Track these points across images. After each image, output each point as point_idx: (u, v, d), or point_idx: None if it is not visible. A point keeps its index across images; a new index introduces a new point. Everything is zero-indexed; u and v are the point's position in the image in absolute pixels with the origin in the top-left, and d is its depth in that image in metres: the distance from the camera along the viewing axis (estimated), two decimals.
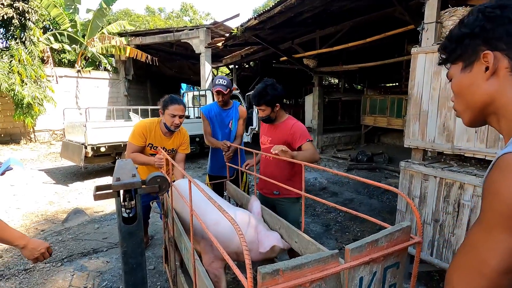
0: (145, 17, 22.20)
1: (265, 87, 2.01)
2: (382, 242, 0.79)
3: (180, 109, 2.35)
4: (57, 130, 11.07)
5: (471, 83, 0.67)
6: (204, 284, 1.15)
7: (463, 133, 2.07)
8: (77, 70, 11.56)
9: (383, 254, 0.78)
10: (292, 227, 1.54)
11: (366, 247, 0.76)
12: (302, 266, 0.66)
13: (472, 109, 0.69)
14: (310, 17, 5.78)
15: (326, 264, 0.70)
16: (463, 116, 0.73)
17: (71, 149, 5.87)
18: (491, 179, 0.56)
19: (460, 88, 0.70)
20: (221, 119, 2.73)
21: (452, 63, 0.72)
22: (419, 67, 2.28)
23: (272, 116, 2.10)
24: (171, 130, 2.39)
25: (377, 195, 4.87)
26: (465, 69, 0.68)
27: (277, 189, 2.11)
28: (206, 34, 9.63)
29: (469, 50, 0.66)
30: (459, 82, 0.70)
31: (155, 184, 1.46)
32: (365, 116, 9.52)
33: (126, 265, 1.39)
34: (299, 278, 0.65)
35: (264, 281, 0.62)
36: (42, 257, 1.28)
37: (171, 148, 2.53)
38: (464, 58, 0.68)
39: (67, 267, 2.67)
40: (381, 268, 0.80)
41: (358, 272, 0.76)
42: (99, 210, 4.15)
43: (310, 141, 2.00)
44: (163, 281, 2.46)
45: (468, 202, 2.02)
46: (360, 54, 9.20)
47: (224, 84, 2.60)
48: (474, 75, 0.66)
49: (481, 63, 0.64)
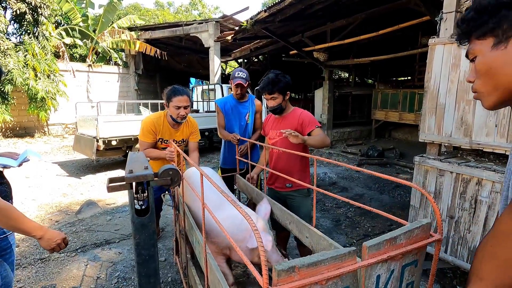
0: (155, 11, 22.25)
1: (277, 74, 2.02)
2: (401, 239, 0.76)
3: (184, 100, 2.31)
4: (69, 124, 11.29)
5: (505, 61, 0.59)
6: (215, 277, 1.14)
7: (482, 127, 1.99)
8: (88, 65, 11.71)
9: (402, 252, 0.75)
10: (303, 222, 1.52)
11: (384, 245, 0.73)
12: (318, 263, 0.65)
13: (502, 90, 0.61)
14: (321, 9, 5.67)
15: (342, 262, 0.68)
16: (487, 99, 0.65)
17: (83, 142, 5.98)
18: None
19: (490, 68, 0.62)
20: (237, 112, 2.72)
21: (478, 38, 0.63)
22: (436, 59, 2.20)
23: (283, 105, 2.08)
24: (178, 122, 2.38)
25: (388, 191, 4.80)
26: (498, 45, 0.59)
27: (289, 182, 2.09)
28: (215, 28, 9.58)
29: (505, 24, 0.58)
30: (490, 60, 0.61)
31: (167, 177, 1.46)
32: (376, 110, 9.36)
33: (139, 256, 1.40)
34: (315, 276, 0.64)
35: (280, 278, 0.61)
36: (58, 247, 1.30)
37: (181, 139, 2.53)
38: (497, 33, 0.59)
39: (81, 257, 2.73)
40: (399, 266, 0.78)
41: (375, 270, 0.73)
42: (111, 203, 4.22)
43: (319, 127, 2.02)
44: (174, 273, 2.49)
45: (486, 198, 1.96)
46: (371, 47, 9.01)
47: (243, 77, 2.59)
48: (510, 52, 0.58)
49: None
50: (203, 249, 1.23)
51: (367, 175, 5.68)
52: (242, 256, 0.80)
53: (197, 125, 2.64)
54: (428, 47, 2.25)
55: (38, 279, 2.39)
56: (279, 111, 2.11)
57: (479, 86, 0.66)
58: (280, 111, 2.11)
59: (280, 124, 2.13)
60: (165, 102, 2.36)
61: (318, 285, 0.65)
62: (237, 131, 2.71)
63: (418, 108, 7.83)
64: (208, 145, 7.77)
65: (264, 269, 0.62)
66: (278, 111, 2.11)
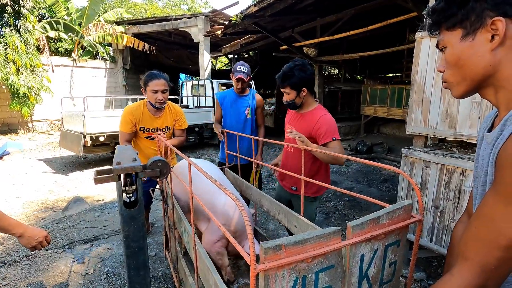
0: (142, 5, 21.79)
1: (293, 67, 1.76)
2: (383, 219, 0.79)
3: (161, 84, 2.25)
4: (55, 119, 11.00)
5: (473, 53, 0.60)
6: (205, 265, 1.15)
7: (466, 119, 2.05)
8: (73, 59, 11.39)
9: (384, 232, 0.78)
10: (291, 212, 1.53)
11: (368, 224, 0.75)
12: (304, 241, 0.66)
13: (470, 80, 0.64)
14: (311, 4, 5.68)
15: (328, 241, 0.70)
16: (456, 88, 0.68)
17: (69, 138, 5.84)
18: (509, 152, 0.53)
19: (458, 59, 0.63)
20: (236, 106, 2.66)
21: (448, 29, 0.64)
22: (423, 52, 2.24)
23: (297, 102, 1.84)
24: (157, 107, 2.31)
25: (376, 184, 4.89)
26: (466, 37, 0.61)
27: (294, 185, 2.00)
28: (204, 23, 9.47)
29: (473, 15, 0.59)
30: (458, 51, 0.63)
31: (156, 169, 1.44)
32: (365, 106, 9.49)
33: (128, 248, 1.39)
34: (301, 254, 0.65)
35: (267, 255, 0.62)
36: (40, 245, 1.27)
37: (165, 127, 2.47)
38: (466, 25, 0.60)
39: (69, 253, 2.68)
40: (382, 246, 0.80)
41: (360, 249, 0.76)
42: (100, 199, 4.15)
43: (337, 139, 1.73)
44: (164, 267, 2.47)
45: (469, 188, 2.02)
46: (361, 44, 9.09)
47: (245, 71, 2.51)
48: (476, 44, 0.60)
49: (486, 30, 0.58)
50: (192, 239, 1.23)
51: (356, 169, 5.77)
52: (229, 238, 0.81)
53: (182, 112, 2.58)
54: (415, 41, 2.29)
55: (24, 277, 2.34)
56: (292, 107, 1.91)
57: (449, 76, 0.67)
58: (294, 107, 1.90)
59: (297, 122, 1.93)
60: (143, 88, 2.31)
61: (304, 263, 0.67)
62: (234, 125, 2.65)
63: (406, 103, 7.98)
64: (198, 141, 7.71)
65: (251, 246, 0.63)
66: (291, 107, 1.91)
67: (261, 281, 0.63)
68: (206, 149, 7.84)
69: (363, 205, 3.91)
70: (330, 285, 0.73)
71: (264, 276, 0.62)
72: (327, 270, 0.71)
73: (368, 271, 0.79)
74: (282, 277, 0.65)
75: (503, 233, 0.53)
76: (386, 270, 0.85)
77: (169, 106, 2.49)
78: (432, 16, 0.67)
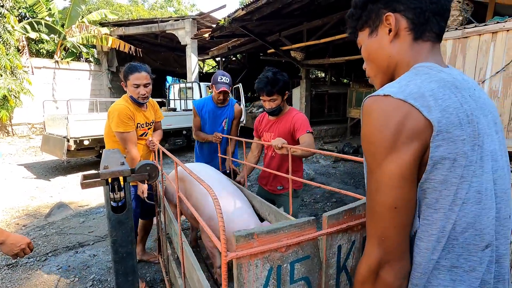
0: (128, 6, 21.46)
1: (275, 73, 1.85)
2: (359, 210, 0.79)
3: (142, 77, 2.04)
4: (36, 123, 10.64)
5: (378, 47, 0.68)
6: (189, 261, 1.16)
7: None
8: (55, 61, 11.08)
9: (361, 222, 0.78)
10: (281, 212, 1.55)
11: (343, 215, 0.75)
12: (277, 230, 0.66)
13: (381, 72, 0.70)
14: (297, 8, 5.77)
15: (302, 230, 0.69)
16: (375, 81, 0.74)
17: (52, 142, 5.67)
18: (361, 128, 0.61)
19: (368, 53, 0.72)
20: (214, 117, 2.53)
21: (360, 30, 0.73)
22: None
23: (282, 106, 1.93)
24: (139, 103, 2.12)
25: (362, 185, 4.99)
26: (372, 34, 0.69)
27: (280, 184, 2.05)
28: (192, 25, 9.43)
29: (373, 15, 0.68)
30: (368, 47, 0.71)
31: (144, 172, 1.43)
32: (351, 109, 9.67)
33: (116, 254, 1.37)
34: (274, 243, 0.65)
35: (239, 243, 0.61)
36: (22, 253, 1.23)
37: (151, 121, 2.30)
38: (370, 24, 0.69)
39: (52, 261, 2.59)
40: (359, 237, 0.80)
41: (336, 240, 0.75)
42: (84, 204, 4.04)
43: (310, 132, 1.85)
44: (152, 273, 2.44)
45: None
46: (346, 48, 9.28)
47: (227, 82, 2.38)
48: (379, 39, 0.68)
49: (384, 26, 0.66)
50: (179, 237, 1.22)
51: (343, 171, 5.87)
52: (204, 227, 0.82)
53: (157, 103, 2.46)
54: None
55: (5, 287, 2.25)
56: (277, 113, 1.96)
57: (368, 71, 0.75)
58: (278, 113, 1.96)
59: (275, 127, 2.00)
60: (123, 82, 2.11)
61: (278, 252, 0.66)
62: None
63: None
64: (185, 144, 7.64)
65: (222, 234, 0.63)
66: (276, 113, 1.96)
67: (235, 270, 0.63)
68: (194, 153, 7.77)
69: None
70: (307, 276, 0.73)
71: (237, 265, 0.62)
72: (303, 260, 0.71)
73: (346, 263, 0.79)
74: (256, 266, 0.64)
75: (374, 199, 0.58)
76: None
77: None
78: (348, 22, 0.76)
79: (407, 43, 0.64)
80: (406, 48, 0.65)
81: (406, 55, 0.65)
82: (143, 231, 2.53)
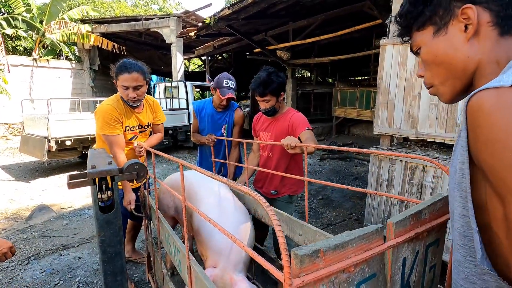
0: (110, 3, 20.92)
1: (269, 74, 1.83)
2: (425, 214, 0.68)
3: (132, 79, 1.84)
4: (14, 123, 10.21)
5: (449, 47, 0.57)
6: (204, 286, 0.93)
7: (425, 119, 2.24)
8: (33, 59, 10.66)
9: (427, 229, 0.67)
10: (294, 219, 1.37)
11: (410, 221, 0.64)
12: (345, 245, 0.54)
13: (452, 79, 0.59)
14: (283, 9, 5.83)
15: (370, 243, 0.58)
16: (442, 91, 0.62)
17: (32, 143, 5.47)
18: (474, 131, 0.45)
19: (434, 56, 0.59)
20: (213, 122, 2.37)
21: (418, 29, 0.62)
22: (387, 57, 2.41)
23: (277, 107, 1.91)
24: (131, 105, 1.96)
25: (348, 182, 5.11)
26: (438, 32, 0.58)
27: (274, 189, 2.01)
28: (177, 24, 9.32)
29: (441, 9, 0.57)
30: (432, 49, 0.59)
31: (132, 172, 1.43)
32: (336, 108, 9.86)
33: (104, 254, 1.36)
34: (342, 261, 0.53)
35: (303, 266, 0.48)
36: (4, 257, 1.21)
37: (147, 123, 2.14)
38: (435, 20, 0.58)
39: (35, 265, 2.52)
40: (423, 247, 0.69)
41: (402, 252, 0.64)
42: (67, 206, 3.94)
43: (310, 129, 1.83)
44: (140, 273, 2.42)
45: (430, 183, 2.20)
46: (331, 48, 9.46)
47: (232, 87, 2.22)
48: (451, 37, 0.57)
49: (458, 21, 0.55)
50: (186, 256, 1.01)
51: (329, 169, 5.98)
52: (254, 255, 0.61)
53: (159, 104, 2.27)
54: (380, 47, 2.47)
55: None
56: (272, 113, 1.94)
57: (430, 79, 0.63)
58: (273, 113, 1.95)
59: (271, 126, 1.98)
60: (114, 79, 1.92)
61: (345, 273, 0.54)
62: None
63: (374, 105, 8.42)
64: (172, 144, 7.56)
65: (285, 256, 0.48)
66: (271, 113, 1.94)
67: None
68: (181, 152, 7.71)
69: (336, 202, 4.07)
70: None
71: None
72: (369, 280, 0.59)
73: (410, 278, 0.67)
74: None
75: None
76: (426, 276, 0.74)
77: (146, 100, 2.14)
78: (400, 21, 0.64)
79: (491, 40, 0.53)
80: (491, 45, 0.53)
81: (493, 53, 0.53)
82: (133, 230, 2.50)
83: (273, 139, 1.94)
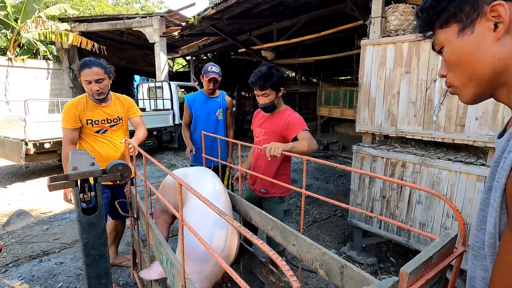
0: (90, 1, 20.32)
1: (270, 68, 1.82)
2: (435, 258, 0.67)
3: (93, 73, 1.99)
4: None
5: (476, 47, 0.53)
6: None
7: (404, 117, 2.33)
8: (8, 58, 10.20)
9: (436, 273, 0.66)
10: (288, 228, 1.34)
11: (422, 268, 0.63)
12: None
13: (478, 80, 0.54)
14: (267, 9, 5.86)
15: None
16: (464, 92, 0.58)
17: (7, 146, 5.23)
18: None
19: (459, 56, 0.55)
20: (207, 108, 2.62)
21: (442, 27, 0.57)
22: (367, 57, 2.49)
23: (276, 103, 1.89)
24: (96, 99, 2.08)
25: (332, 180, 5.22)
26: (464, 31, 0.54)
27: (263, 188, 2.00)
28: (160, 23, 9.17)
29: (467, 6, 0.52)
30: (457, 49, 0.55)
31: (116, 172, 1.41)
32: (321, 107, 10.03)
33: (88, 257, 1.33)
34: None
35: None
36: None
37: (116, 117, 2.22)
38: (460, 18, 0.54)
39: (13, 272, 2.43)
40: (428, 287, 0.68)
41: None
42: (47, 211, 3.81)
43: (307, 130, 1.82)
44: (126, 276, 2.38)
45: (409, 178, 2.29)
46: (315, 48, 9.60)
47: (216, 71, 2.50)
48: (478, 36, 0.52)
49: (486, 19, 0.51)
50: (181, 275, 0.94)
51: (314, 167, 6.08)
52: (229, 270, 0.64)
53: (132, 100, 2.37)
54: (361, 48, 2.54)
55: None
56: (271, 109, 1.91)
57: (452, 79, 0.59)
58: (272, 109, 1.92)
59: (266, 123, 1.98)
60: (79, 78, 2.11)
61: None
62: (206, 128, 2.53)
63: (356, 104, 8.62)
64: (156, 145, 7.44)
65: None
66: (270, 109, 1.91)
67: None
68: (166, 153, 7.60)
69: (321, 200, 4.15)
70: None
71: None
72: None
73: None
74: None
75: None
76: None
77: (116, 97, 2.26)
78: (422, 16, 0.60)
79: None
80: None
81: None
82: (114, 231, 2.42)
83: (266, 136, 1.95)
